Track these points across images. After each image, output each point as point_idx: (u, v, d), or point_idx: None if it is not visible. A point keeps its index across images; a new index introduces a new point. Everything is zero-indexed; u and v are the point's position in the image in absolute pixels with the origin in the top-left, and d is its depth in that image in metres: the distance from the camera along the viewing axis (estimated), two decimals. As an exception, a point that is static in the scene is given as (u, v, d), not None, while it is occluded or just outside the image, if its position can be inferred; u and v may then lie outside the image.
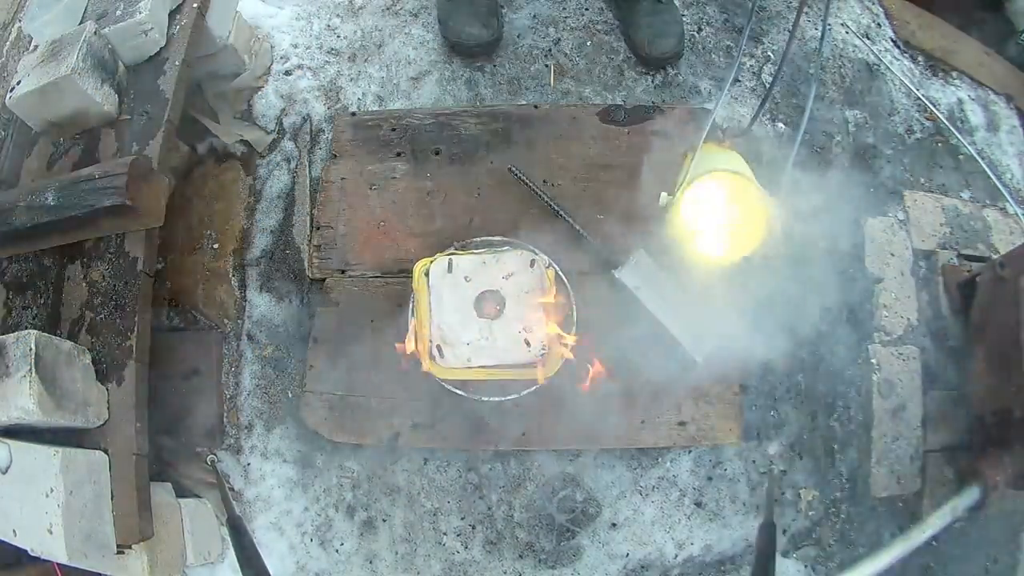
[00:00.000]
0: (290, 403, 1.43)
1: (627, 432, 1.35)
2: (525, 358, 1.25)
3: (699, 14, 1.75)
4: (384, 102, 1.65)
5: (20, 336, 1.07)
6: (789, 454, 1.41)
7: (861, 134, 1.66)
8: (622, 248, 1.40)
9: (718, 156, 1.30)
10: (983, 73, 1.83)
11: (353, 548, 1.37)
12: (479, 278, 1.29)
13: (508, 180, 1.50)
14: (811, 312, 1.42)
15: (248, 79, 1.62)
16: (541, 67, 1.67)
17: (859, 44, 1.76)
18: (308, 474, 1.40)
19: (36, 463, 1.06)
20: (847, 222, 1.52)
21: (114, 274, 1.25)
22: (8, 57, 1.62)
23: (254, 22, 1.69)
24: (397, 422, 1.36)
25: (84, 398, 1.13)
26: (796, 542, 1.40)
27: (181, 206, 1.57)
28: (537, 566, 1.35)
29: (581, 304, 1.39)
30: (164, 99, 1.31)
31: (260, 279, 1.52)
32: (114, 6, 1.35)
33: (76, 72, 1.23)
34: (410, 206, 1.51)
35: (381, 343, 1.40)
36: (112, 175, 1.14)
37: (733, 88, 1.66)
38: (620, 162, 1.52)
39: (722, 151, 1.32)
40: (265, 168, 1.59)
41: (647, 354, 1.38)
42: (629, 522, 1.36)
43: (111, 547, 1.10)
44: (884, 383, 1.41)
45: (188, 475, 1.39)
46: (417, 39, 1.71)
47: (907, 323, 1.48)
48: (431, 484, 1.38)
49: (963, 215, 1.59)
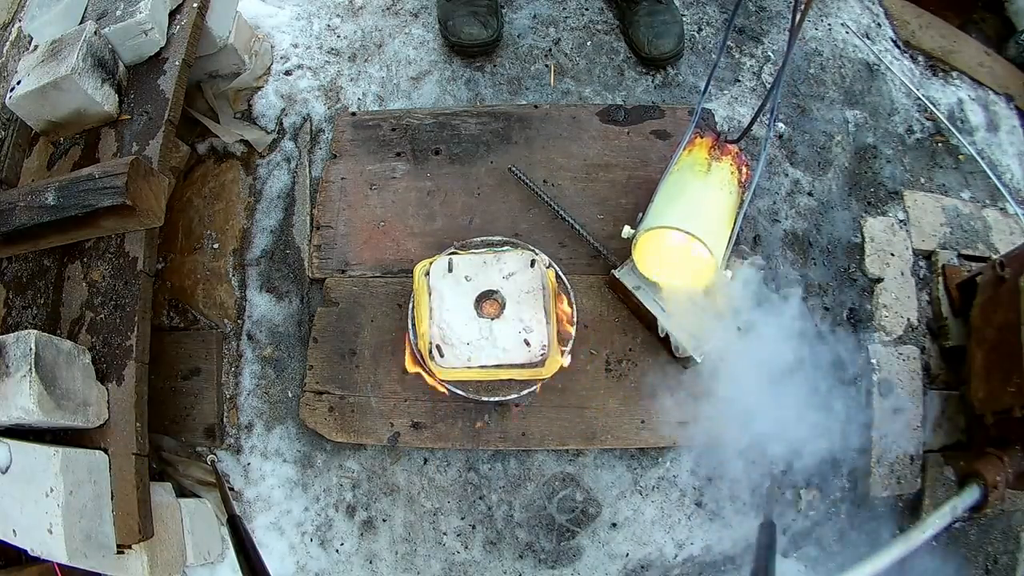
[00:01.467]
0: (290, 403, 1.43)
1: (627, 432, 1.35)
2: (525, 358, 1.25)
3: (699, 14, 1.75)
4: (384, 102, 1.65)
5: (20, 336, 1.07)
6: (789, 454, 1.41)
7: (861, 134, 1.66)
8: (622, 248, 1.40)
9: (688, 190, 1.26)
10: (983, 73, 1.83)
11: (353, 548, 1.37)
12: (479, 278, 1.29)
13: (508, 180, 1.50)
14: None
15: (248, 79, 1.62)
16: (541, 67, 1.67)
17: (859, 44, 1.77)
18: (308, 474, 1.40)
19: (36, 463, 1.06)
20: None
21: (114, 274, 1.25)
22: (8, 57, 1.62)
23: (254, 22, 1.69)
24: (397, 422, 1.36)
25: (84, 398, 1.13)
26: (796, 542, 1.40)
27: (181, 206, 1.57)
28: (537, 566, 1.35)
29: (581, 304, 1.39)
30: (164, 99, 1.31)
31: (260, 279, 1.52)
32: (114, 6, 1.35)
33: (76, 72, 1.23)
34: (410, 206, 1.51)
35: (381, 343, 1.41)
36: (112, 175, 1.14)
37: (733, 88, 1.66)
38: (620, 162, 1.53)
39: (699, 175, 1.27)
40: (265, 168, 1.60)
41: (647, 354, 1.38)
42: (629, 522, 1.36)
43: (111, 547, 1.10)
44: (884, 383, 1.41)
45: (188, 475, 1.39)
46: (417, 39, 1.71)
47: (907, 323, 1.48)
48: (431, 484, 1.38)
49: (963, 215, 1.59)
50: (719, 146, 1.30)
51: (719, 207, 1.25)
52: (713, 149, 1.30)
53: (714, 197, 1.26)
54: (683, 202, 1.25)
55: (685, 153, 1.32)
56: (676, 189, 1.27)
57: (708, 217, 1.23)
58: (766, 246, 1.51)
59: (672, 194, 1.27)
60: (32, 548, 1.05)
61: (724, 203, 1.26)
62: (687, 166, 1.29)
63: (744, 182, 1.31)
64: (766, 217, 1.54)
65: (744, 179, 1.31)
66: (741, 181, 1.30)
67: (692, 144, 1.32)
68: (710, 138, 1.32)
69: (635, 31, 1.65)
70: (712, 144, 1.30)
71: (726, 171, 1.28)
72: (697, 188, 1.26)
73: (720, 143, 1.31)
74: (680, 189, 1.27)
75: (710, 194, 1.26)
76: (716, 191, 1.26)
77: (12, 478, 1.07)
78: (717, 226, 1.23)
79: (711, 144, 1.31)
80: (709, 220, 1.22)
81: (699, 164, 1.29)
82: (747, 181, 1.30)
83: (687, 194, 1.26)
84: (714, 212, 1.24)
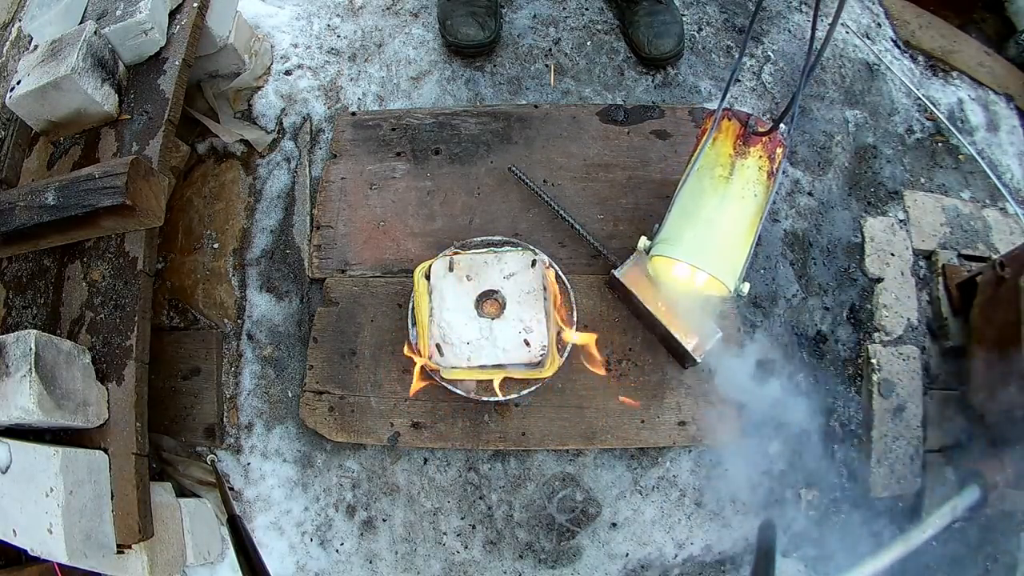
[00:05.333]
0: (290, 403, 1.43)
1: (627, 432, 1.35)
2: (525, 358, 1.25)
3: (699, 14, 1.75)
4: (384, 102, 1.65)
5: (20, 336, 1.07)
6: (789, 454, 1.41)
7: (861, 134, 1.66)
8: (622, 248, 1.40)
9: (705, 207, 1.19)
10: (983, 73, 1.83)
11: (353, 548, 1.37)
12: (480, 278, 1.29)
13: (508, 180, 1.50)
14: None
15: (248, 79, 1.62)
16: (541, 67, 1.67)
17: (859, 44, 1.76)
18: (308, 474, 1.40)
19: (36, 463, 1.06)
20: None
21: (114, 274, 1.25)
22: (8, 57, 1.62)
23: (254, 22, 1.69)
24: (397, 422, 1.36)
25: (84, 398, 1.13)
26: (796, 542, 1.40)
27: (181, 206, 1.57)
28: (537, 566, 1.35)
29: (581, 304, 1.39)
30: (164, 99, 1.31)
31: (260, 279, 1.52)
32: (114, 6, 1.34)
33: (76, 72, 1.23)
34: (410, 206, 1.51)
35: (381, 343, 1.41)
36: (112, 175, 1.14)
37: (733, 88, 1.66)
38: (620, 162, 1.53)
39: (719, 184, 1.19)
40: (265, 168, 1.59)
41: (647, 354, 1.38)
42: (629, 522, 1.36)
43: (111, 547, 1.10)
44: (884, 383, 1.41)
45: (188, 475, 1.39)
46: (417, 39, 1.71)
47: (907, 323, 1.48)
48: (431, 484, 1.38)
49: (963, 215, 1.59)
50: (746, 138, 1.19)
51: (737, 223, 1.18)
52: (739, 143, 1.19)
53: (732, 212, 1.18)
54: (698, 224, 1.19)
55: (709, 146, 1.21)
56: (692, 203, 1.20)
57: (722, 242, 1.18)
58: (766, 246, 1.51)
59: (688, 210, 1.21)
60: (32, 548, 1.05)
61: (744, 215, 1.18)
62: (707, 167, 1.20)
63: (775, 170, 1.20)
64: (766, 217, 1.53)
65: (776, 167, 1.20)
66: (772, 171, 1.20)
67: (718, 132, 1.21)
68: (737, 126, 1.20)
69: (635, 31, 1.65)
70: (739, 136, 1.19)
71: (752, 169, 1.19)
72: (713, 207, 1.18)
73: (748, 134, 1.19)
74: (696, 204, 1.20)
75: (728, 209, 1.18)
76: (736, 203, 1.18)
77: (12, 478, 1.07)
78: (732, 246, 1.18)
79: (737, 136, 1.19)
80: (723, 245, 1.18)
81: (721, 166, 1.19)
82: (778, 168, 1.20)
83: (702, 214, 1.19)
84: (730, 231, 1.18)
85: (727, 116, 1.20)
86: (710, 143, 1.21)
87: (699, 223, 1.19)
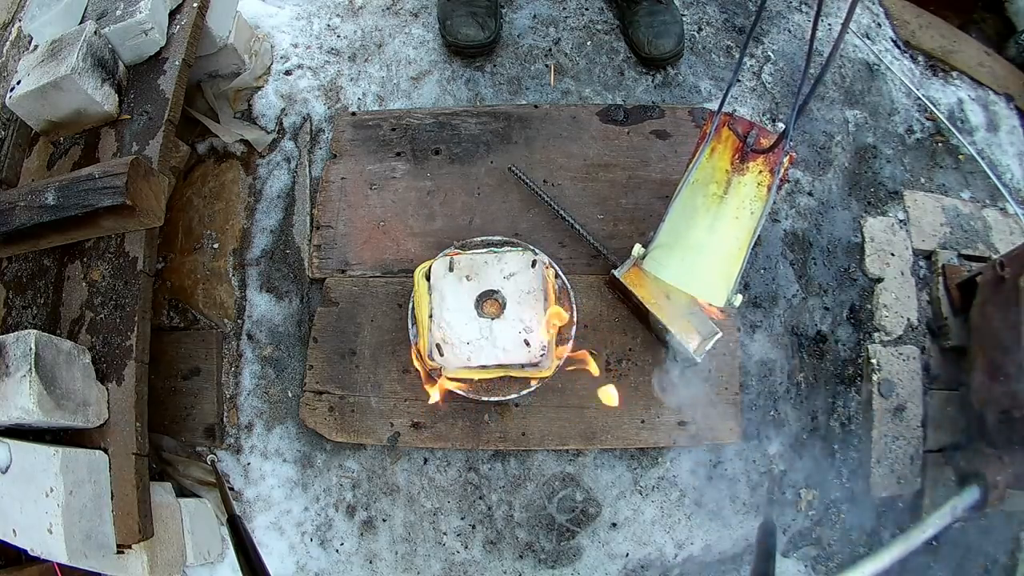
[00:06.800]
0: (290, 403, 1.43)
1: (627, 432, 1.35)
2: (525, 358, 1.25)
3: (699, 14, 1.75)
4: (384, 102, 1.65)
5: (20, 336, 1.07)
6: (789, 454, 1.41)
7: (861, 134, 1.66)
8: (622, 248, 1.40)
9: (696, 227, 1.16)
10: (983, 73, 1.83)
11: (353, 548, 1.37)
12: (480, 278, 1.29)
13: (508, 180, 1.50)
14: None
15: (248, 79, 1.62)
16: (541, 67, 1.67)
17: (859, 44, 1.76)
18: (308, 474, 1.40)
19: (36, 463, 1.06)
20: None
21: (114, 274, 1.25)
22: (8, 57, 1.62)
23: (254, 22, 1.69)
24: (397, 422, 1.36)
25: (84, 398, 1.13)
26: (796, 542, 1.40)
27: (181, 206, 1.57)
28: (537, 566, 1.35)
29: (581, 304, 1.39)
30: (164, 99, 1.31)
31: (260, 279, 1.52)
32: (114, 6, 1.35)
33: (76, 72, 1.23)
34: (410, 206, 1.51)
35: (381, 343, 1.41)
36: (112, 175, 1.14)
37: (733, 88, 1.65)
38: (620, 162, 1.53)
39: (712, 202, 1.16)
40: (265, 168, 1.59)
41: (647, 354, 1.38)
42: (629, 522, 1.36)
43: (111, 547, 1.10)
44: (884, 383, 1.41)
45: (188, 475, 1.39)
46: (417, 39, 1.71)
47: (907, 323, 1.48)
48: (431, 484, 1.38)
49: (963, 215, 1.59)
50: (744, 154, 1.15)
51: (729, 243, 1.16)
52: (736, 159, 1.15)
53: (724, 233, 1.15)
54: (686, 250, 1.18)
55: (706, 157, 1.17)
56: (684, 223, 1.18)
57: (710, 265, 1.17)
58: (766, 246, 1.51)
59: (679, 231, 1.18)
60: (32, 548, 1.05)
61: (737, 235, 1.15)
62: (702, 183, 1.17)
63: (777, 182, 1.15)
64: (766, 217, 1.54)
65: (782, 178, 1.16)
66: (770, 185, 1.15)
67: (716, 142, 1.17)
68: (735, 140, 1.15)
69: (635, 31, 1.65)
70: (736, 151, 1.15)
71: (750, 186, 1.15)
72: (704, 228, 1.16)
73: (746, 151, 1.14)
74: (687, 225, 1.17)
75: (720, 230, 1.15)
76: (729, 223, 1.15)
77: (12, 478, 1.07)
78: (722, 265, 1.16)
79: (736, 150, 1.15)
80: (712, 267, 1.17)
81: (716, 183, 1.16)
82: (780, 182, 1.16)
83: (692, 236, 1.17)
84: (721, 252, 1.16)
85: (726, 124, 1.17)
86: (707, 153, 1.17)
87: (688, 249, 1.18)
